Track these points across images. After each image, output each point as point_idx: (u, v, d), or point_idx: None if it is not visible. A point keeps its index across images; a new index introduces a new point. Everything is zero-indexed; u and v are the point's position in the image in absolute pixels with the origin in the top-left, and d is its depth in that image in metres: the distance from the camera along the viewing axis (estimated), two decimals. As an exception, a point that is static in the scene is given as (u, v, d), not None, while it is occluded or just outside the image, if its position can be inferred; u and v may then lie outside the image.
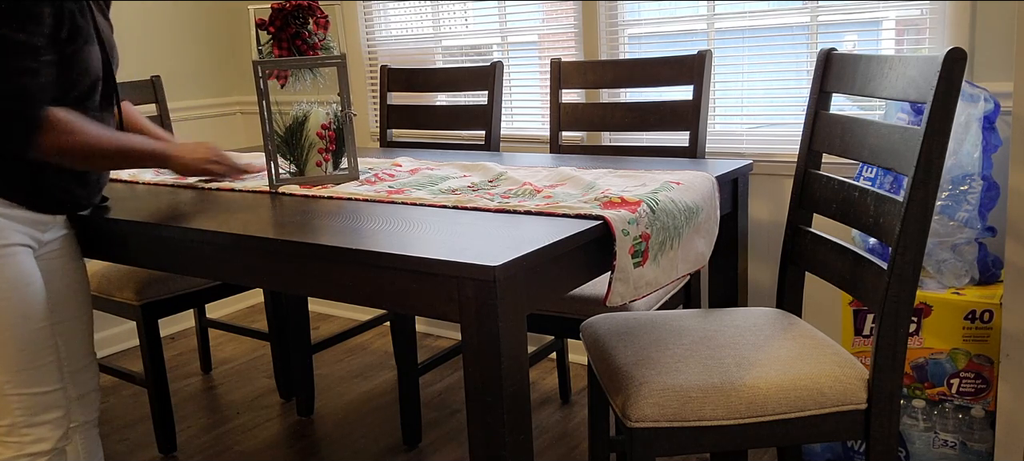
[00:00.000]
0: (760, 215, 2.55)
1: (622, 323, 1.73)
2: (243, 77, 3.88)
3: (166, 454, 2.56)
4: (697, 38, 2.60)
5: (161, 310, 2.47)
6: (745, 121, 2.58)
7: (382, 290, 1.39)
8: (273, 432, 2.69)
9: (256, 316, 3.88)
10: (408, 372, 2.46)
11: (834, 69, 1.73)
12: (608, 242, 1.46)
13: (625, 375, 1.50)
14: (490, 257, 1.25)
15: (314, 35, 1.95)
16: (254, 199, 1.85)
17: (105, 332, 3.45)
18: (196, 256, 1.66)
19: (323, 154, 1.98)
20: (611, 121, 2.45)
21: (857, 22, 2.35)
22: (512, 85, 3.05)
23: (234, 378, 3.15)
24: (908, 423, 2.04)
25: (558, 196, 1.64)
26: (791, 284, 1.82)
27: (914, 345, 1.99)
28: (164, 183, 2.12)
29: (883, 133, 1.51)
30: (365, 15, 3.40)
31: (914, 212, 1.37)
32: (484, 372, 1.28)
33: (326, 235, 1.46)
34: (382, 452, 2.51)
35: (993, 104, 1.97)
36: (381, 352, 3.32)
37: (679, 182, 1.71)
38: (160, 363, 2.46)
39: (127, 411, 2.90)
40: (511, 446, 1.30)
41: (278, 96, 3.05)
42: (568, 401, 2.76)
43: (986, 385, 1.94)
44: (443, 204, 1.66)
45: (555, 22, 2.92)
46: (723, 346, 1.58)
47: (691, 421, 1.42)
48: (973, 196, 1.93)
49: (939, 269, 2.00)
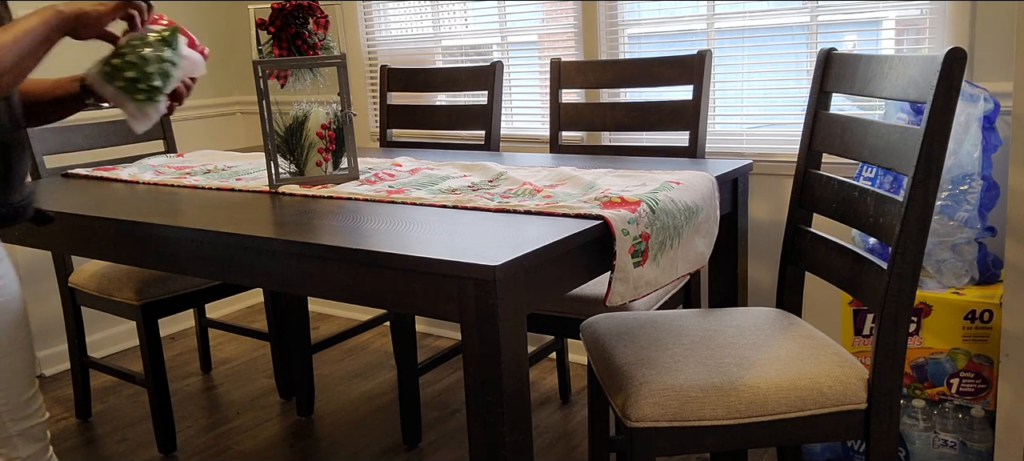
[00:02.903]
0: (760, 215, 2.55)
1: (622, 323, 1.73)
2: (243, 77, 3.88)
3: (166, 454, 2.56)
4: (697, 38, 2.60)
5: (161, 310, 2.47)
6: (745, 121, 2.58)
7: (382, 290, 1.39)
8: (273, 432, 2.69)
9: (256, 316, 3.88)
10: (408, 372, 2.46)
11: (834, 69, 1.73)
12: (608, 242, 1.46)
13: (625, 375, 1.50)
14: (490, 257, 1.25)
15: (314, 35, 1.95)
16: (254, 199, 1.85)
17: (105, 332, 3.45)
18: (196, 256, 1.66)
19: (323, 154, 1.98)
20: (611, 121, 2.45)
21: (857, 22, 2.35)
22: (512, 85, 3.05)
23: (234, 378, 3.15)
24: (908, 423, 2.04)
25: (558, 196, 1.64)
26: (791, 284, 1.82)
27: (914, 345, 1.99)
28: (164, 183, 2.12)
29: (883, 133, 1.51)
30: (365, 15, 3.40)
31: (914, 212, 1.37)
32: (484, 372, 1.28)
33: (326, 235, 1.46)
34: (382, 452, 2.51)
35: (993, 104, 1.97)
36: (381, 352, 3.32)
37: (679, 182, 1.71)
38: (160, 363, 2.46)
39: (127, 411, 2.90)
40: (511, 446, 1.30)
41: (278, 96, 3.05)
42: (568, 401, 2.76)
43: (986, 385, 1.94)
44: (443, 204, 1.66)
45: (555, 22, 2.92)
46: (723, 346, 1.58)
47: (691, 421, 1.42)
48: (973, 196, 1.93)
49: (939, 269, 2.00)
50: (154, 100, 1.46)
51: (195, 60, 1.55)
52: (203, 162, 2.42)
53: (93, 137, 2.77)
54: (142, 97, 1.44)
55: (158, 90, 1.46)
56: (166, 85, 1.47)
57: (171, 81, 1.49)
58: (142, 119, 1.47)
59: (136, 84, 1.43)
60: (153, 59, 1.45)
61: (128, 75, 1.43)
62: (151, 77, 1.44)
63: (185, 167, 2.34)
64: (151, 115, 1.47)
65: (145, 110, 1.46)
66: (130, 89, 1.44)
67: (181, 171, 2.27)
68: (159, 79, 1.45)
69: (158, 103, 1.47)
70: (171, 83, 1.49)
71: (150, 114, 1.47)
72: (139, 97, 1.44)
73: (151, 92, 1.44)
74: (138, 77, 1.43)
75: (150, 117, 1.47)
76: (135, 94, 1.44)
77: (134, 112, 1.46)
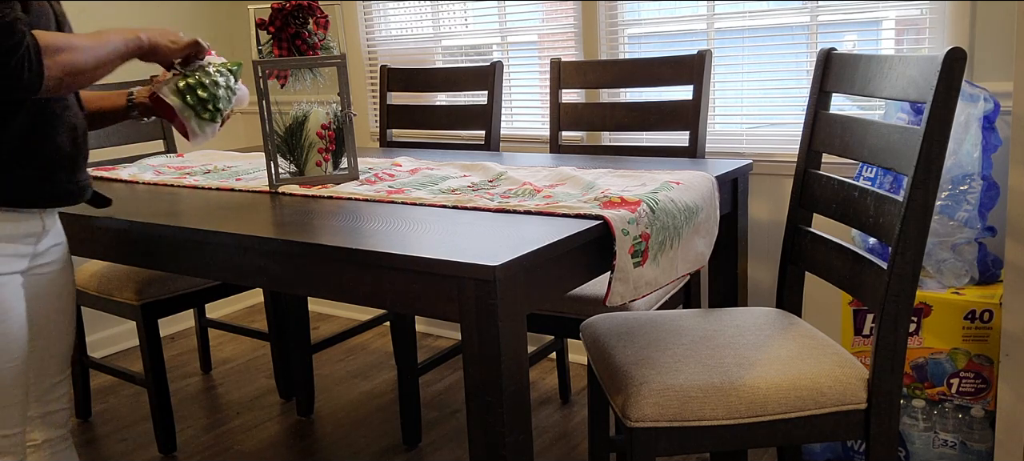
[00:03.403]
0: (760, 215, 2.55)
1: (622, 323, 1.73)
2: (243, 77, 3.87)
3: (166, 454, 2.56)
4: (697, 38, 2.60)
5: (161, 310, 2.47)
6: (745, 121, 2.58)
7: (382, 290, 1.39)
8: (273, 432, 2.69)
9: (256, 316, 3.88)
10: (408, 372, 2.46)
11: (834, 69, 1.73)
12: (608, 242, 1.46)
13: (625, 375, 1.50)
14: (490, 257, 1.25)
15: (314, 35, 1.95)
16: (254, 199, 1.85)
17: (105, 332, 3.45)
18: (196, 256, 1.66)
19: (323, 154, 1.98)
20: (611, 121, 2.45)
21: (857, 22, 2.35)
22: (512, 85, 3.05)
23: (234, 378, 3.15)
24: (908, 423, 2.04)
25: (558, 196, 1.64)
26: (791, 284, 1.82)
27: (914, 345, 1.99)
28: (164, 183, 2.12)
29: (883, 133, 1.51)
30: (365, 15, 3.40)
31: (914, 212, 1.37)
32: (484, 372, 1.28)
33: (326, 235, 1.46)
34: (382, 452, 2.51)
35: (993, 104, 1.97)
36: (381, 352, 3.32)
37: (679, 182, 1.71)
38: (160, 363, 2.46)
39: (127, 411, 2.90)
40: (511, 446, 1.30)
41: (278, 96, 3.04)
42: (568, 401, 2.76)
43: (986, 385, 1.94)
44: (443, 204, 1.66)
45: (555, 22, 2.92)
46: (723, 346, 1.58)
47: (691, 421, 1.42)
48: (973, 196, 1.93)
49: (939, 269, 2.00)
50: (215, 120, 1.65)
51: (243, 93, 1.74)
52: (203, 162, 2.43)
53: (93, 137, 2.76)
54: (207, 116, 1.64)
55: (220, 113, 1.66)
56: (226, 110, 1.67)
57: (230, 107, 1.69)
58: (202, 136, 1.66)
59: (205, 104, 1.63)
60: (223, 85, 1.65)
61: (201, 95, 1.62)
62: (218, 100, 1.64)
63: (185, 167, 2.34)
64: (208, 134, 1.66)
65: (205, 129, 1.65)
66: (199, 108, 1.63)
67: (181, 171, 2.27)
68: (224, 103, 1.65)
69: (216, 124, 1.66)
70: (229, 109, 1.69)
71: (208, 133, 1.66)
72: (205, 115, 1.63)
73: (215, 114, 1.65)
74: (208, 98, 1.62)
75: (207, 135, 1.66)
76: (202, 113, 1.63)
77: (196, 129, 1.65)
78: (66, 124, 1.50)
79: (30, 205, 1.47)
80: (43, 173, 1.47)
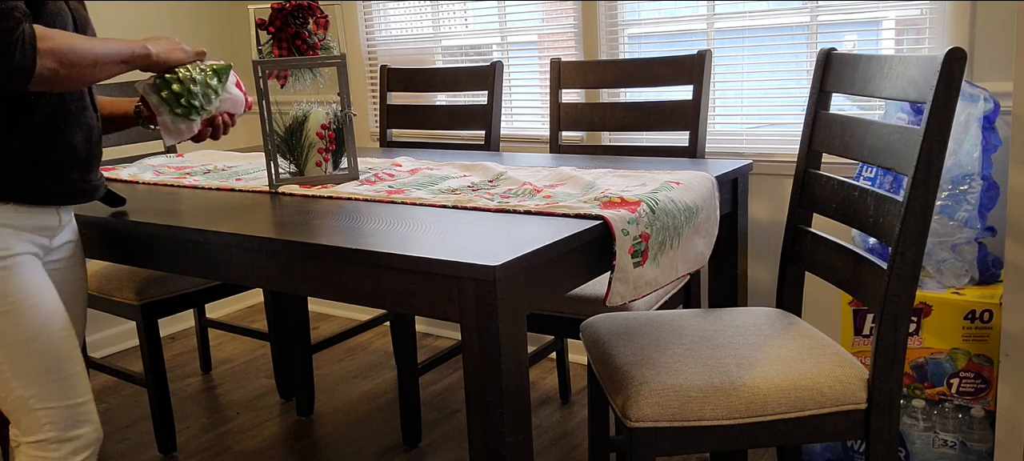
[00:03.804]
0: (760, 215, 2.55)
1: (622, 323, 1.73)
2: (243, 77, 3.87)
3: (166, 454, 2.56)
4: (697, 38, 2.60)
5: (161, 310, 2.47)
6: (745, 121, 2.58)
7: (382, 290, 1.39)
8: (273, 432, 2.69)
9: (256, 316, 3.88)
10: (408, 372, 2.46)
11: (834, 69, 1.73)
12: (608, 242, 1.46)
13: (625, 375, 1.50)
14: (490, 257, 1.25)
15: (314, 35, 1.95)
16: (254, 199, 1.85)
17: (105, 332, 3.45)
18: (196, 256, 1.66)
19: (323, 154, 1.98)
20: (611, 121, 2.45)
21: (857, 22, 2.35)
22: (512, 85, 3.05)
23: (234, 378, 3.15)
24: (908, 423, 2.04)
25: (558, 196, 1.64)
26: (791, 284, 1.82)
27: (914, 345, 1.99)
28: (164, 183, 2.12)
29: (883, 133, 1.51)
30: (365, 15, 3.40)
31: (914, 212, 1.37)
32: (484, 372, 1.28)
33: (326, 235, 1.46)
34: (382, 452, 2.51)
35: (993, 104, 1.97)
36: (381, 352, 3.32)
37: (679, 182, 1.71)
38: (160, 363, 2.46)
39: (127, 411, 2.90)
40: (511, 446, 1.30)
41: (278, 96, 3.05)
42: (568, 401, 2.76)
43: (986, 385, 1.94)
44: (443, 204, 1.66)
45: (555, 22, 2.92)
46: (723, 346, 1.58)
47: (691, 421, 1.42)
48: (973, 196, 1.93)
49: (939, 269, 2.00)
50: (189, 118, 1.61)
51: (237, 98, 1.70)
52: (203, 162, 2.43)
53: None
54: (181, 111, 1.59)
55: (195, 110, 1.61)
56: (204, 109, 1.62)
57: (210, 107, 1.63)
58: (174, 133, 1.62)
59: (178, 98, 1.59)
60: (200, 82, 1.61)
61: (174, 88, 1.58)
62: (193, 96, 1.60)
63: (185, 167, 2.34)
64: (182, 131, 1.62)
65: (179, 125, 1.61)
66: (172, 102, 1.59)
67: (181, 171, 2.27)
68: (199, 101, 1.61)
69: (192, 122, 1.62)
70: (209, 109, 1.63)
71: (182, 130, 1.62)
72: (178, 111, 1.59)
73: (189, 110, 1.60)
74: (181, 93, 1.58)
75: (181, 133, 1.62)
76: (175, 107, 1.59)
77: (168, 124, 1.61)
78: (82, 124, 1.54)
79: (44, 203, 1.52)
80: (57, 171, 1.51)
